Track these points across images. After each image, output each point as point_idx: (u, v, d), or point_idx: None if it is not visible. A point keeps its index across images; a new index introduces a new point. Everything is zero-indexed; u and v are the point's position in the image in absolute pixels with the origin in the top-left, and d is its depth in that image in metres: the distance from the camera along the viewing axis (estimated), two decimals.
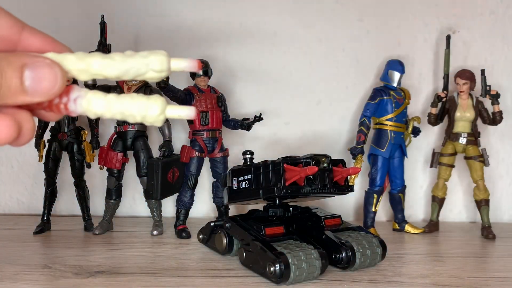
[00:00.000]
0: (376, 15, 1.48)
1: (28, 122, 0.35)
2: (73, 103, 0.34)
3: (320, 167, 0.90)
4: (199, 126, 1.23)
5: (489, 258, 1.06)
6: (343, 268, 0.89)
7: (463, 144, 1.31)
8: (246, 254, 0.88)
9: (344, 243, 0.88)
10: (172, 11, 1.43)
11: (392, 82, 1.31)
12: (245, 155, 0.99)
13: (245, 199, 0.96)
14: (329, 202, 1.42)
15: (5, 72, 0.33)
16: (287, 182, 0.86)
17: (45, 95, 0.34)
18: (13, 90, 0.33)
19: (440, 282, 0.81)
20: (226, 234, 0.97)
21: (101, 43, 1.14)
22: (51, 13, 1.41)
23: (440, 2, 1.48)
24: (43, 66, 0.34)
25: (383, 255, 0.93)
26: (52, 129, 1.23)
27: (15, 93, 0.34)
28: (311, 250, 0.82)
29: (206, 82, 1.25)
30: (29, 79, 0.34)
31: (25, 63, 0.34)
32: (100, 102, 0.33)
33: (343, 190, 0.95)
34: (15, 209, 1.45)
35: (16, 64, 0.34)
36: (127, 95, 0.33)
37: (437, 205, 1.35)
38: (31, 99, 0.34)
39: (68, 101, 0.34)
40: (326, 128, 1.49)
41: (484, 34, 1.49)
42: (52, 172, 1.24)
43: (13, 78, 0.33)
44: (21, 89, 0.34)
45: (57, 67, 0.34)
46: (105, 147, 1.23)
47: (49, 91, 0.34)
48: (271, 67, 1.47)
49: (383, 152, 1.29)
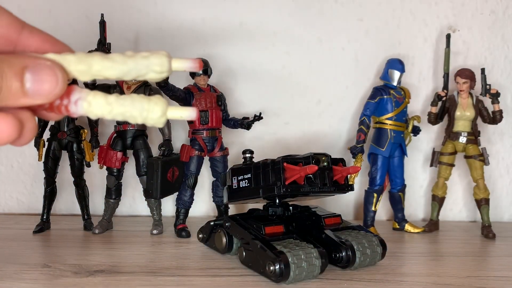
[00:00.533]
0: (376, 15, 1.48)
1: (30, 121, 0.35)
2: (74, 105, 0.34)
3: (320, 166, 0.90)
4: (199, 125, 1.23)
5: (489, 257, 1.06)
6: (343, 267, 0.88)
7: (463, 143, 1.31)
8: (246, 253, 0.87)
9: (344, 242, 0.88)
10: (172, 11, 1.43)
11: (392, 81, 1.31)
12: (245, 154, 0.99)
13: (245, 198, 0.96)
14: (329, 202, 1.42)
15: (6, 74, 0.33)
16: (287, 181, 0.86)
17: (46, 97, 0.34)
18: (14, 93, 0.33)
19: (440, 281, 0.81)
20: (226, 233, 0.97)
21: (101, 42, 1.14)
22: (51, 12, 1.41)
23: (440, 1, 1.48)
24: (44, 68, 0.34)
25: (383, 254, 0.93)
26: (52, 128, 1.23)
27: (16, 95, 0.33)
28: (311, 249, 0.82)
29: (206, 81, 1.25)
30: (30, 82, 0.33)
31: (26, 65, 0.34)
32: (101, 104, 0.32)
33: (343, 189, 0.94)
34: (15, 208, 1.45)
35: (17, 66, 0.33)
36: (128, 97, 0.33)
37: (437, 204, 1.35)
38: (32, 101, 0.34)
39: (69, 103, 0.34)
40: (326, 127, 1.49)
41: (484, 33, 1.49)
42: (51, 171, 1.24)
43: (13, 80, 0.33)
44: (22, 91, 0.33)
45: (58, 69, 0.34)
46: (105, 146, 1.22)
47: (50, 94, 0.34)
48: (271, 67, 1.47)
49: (383, 151, 1.29)
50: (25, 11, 1.36)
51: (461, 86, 1.31)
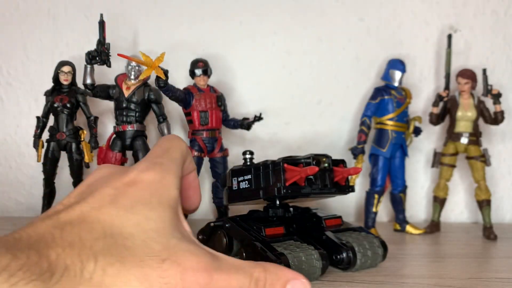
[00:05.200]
0: (377, 14, 1.47)
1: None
2: None
3: (321, 167, 0.89)
4: (199, 126, 1.23)
5: (491, 258, 1.05)
6: (344, 269, 0.88)
7: (465, 144, 1.30)
8: (246, 254, 0.87)
9: (345, 243, 0.87)
10: (171, 10, 1.43)
11: (393, 82, 1.30)
12: (245, 155, 0.98)
13: (245, 199, 0.95)
14: (330, 203, 1.41)
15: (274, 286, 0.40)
16: (288, 182, 0.85)
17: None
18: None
19: (442, 283, 0.80)
20: (226, 235, 0.96)
21: (100, 42, 1.13)
22: (49, 11, 1.40)
23: (441, 1, 1.48)
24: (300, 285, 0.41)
25: (384, 256, 0.92)
26: (51, 129, 1.22)
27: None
28: (311, 251, 0.81)
29: (205, 82, 1.25)
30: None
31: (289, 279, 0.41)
32: None
33: (343, 190, 0.93)
34: (13, 209, 1.44)
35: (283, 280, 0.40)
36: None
37: (438, 205, 1.35)
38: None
39: None
40: (326, 128, 1.48)
41: (486, 33, 1.49)
42: (50, 172, 1.23)
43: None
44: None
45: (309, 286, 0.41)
46: (104, 147, 1.22)
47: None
48: (271, 67, 1.46)
49: (384, 152, 1.28)
50: (24, 11, 1.35)
51: (462, 87, 1.30)
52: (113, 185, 0.46)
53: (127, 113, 1.19)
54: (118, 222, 0.42)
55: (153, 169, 0.47)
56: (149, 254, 0.40)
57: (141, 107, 1.20)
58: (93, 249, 0.39)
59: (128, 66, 1.20)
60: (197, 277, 0.40)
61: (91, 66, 1.15)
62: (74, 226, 0.41)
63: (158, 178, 0.46)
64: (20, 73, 1.40)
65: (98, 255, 0.39)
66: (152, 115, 1.24)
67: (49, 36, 1.40)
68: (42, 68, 1.40)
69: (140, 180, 0.46)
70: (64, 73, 1.19)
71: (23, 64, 1.40)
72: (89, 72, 1.15)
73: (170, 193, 0.46)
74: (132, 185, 0.46)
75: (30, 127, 1.28)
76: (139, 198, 0.44)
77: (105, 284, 0.37)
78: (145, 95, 1.19)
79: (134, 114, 1.19)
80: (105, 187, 0.45)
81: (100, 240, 0.40)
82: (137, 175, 0.46)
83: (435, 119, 1.34)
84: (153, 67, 1.02)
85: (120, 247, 0.40)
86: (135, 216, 0.42)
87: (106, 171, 0.50)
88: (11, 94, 1.41)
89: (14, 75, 1.41)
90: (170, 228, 0.43)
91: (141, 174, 0.47)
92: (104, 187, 0.45)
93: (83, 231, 0.40)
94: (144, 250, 0.40)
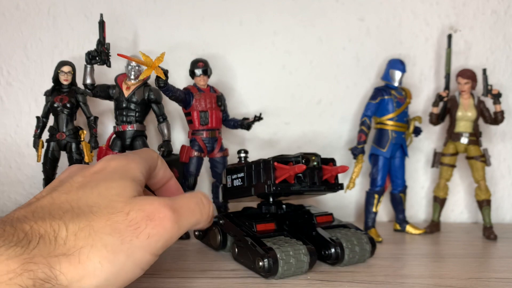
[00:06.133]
0: (377, 14, 1.47)
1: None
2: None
3: (310, 165, 0.91)
4: (199, 126, 1.22)
5: (491, 258, 1.05)
6: (332, 264, 0.91)
7: (465, 144, 1.30)
8: (238, 249, 0.90)
9: (334, 239, 0.89)
10: (171, 10, 1.43)
11: (393, 81, 1.30)
12: (240, 153, 1.02)
13: (238, 196, 0.99)
14: (330, 203, 1.41)
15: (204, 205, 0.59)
16: (277, 180, 0.88)
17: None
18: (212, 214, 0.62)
19: (442, 283, 0.81)
20: (220, 231, 0.99)
21: (100, 42, 1.13)
22: (49, 11, 1.40)
23: (441, 1, 1.48)
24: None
25: (372, 252, 0.94)
26: (51, 129, 1.22)
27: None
28: (299, 246, 0.83)
29: (205, 82, 1.25)
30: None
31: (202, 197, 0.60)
32: None
33: (333, 188, 0.97)
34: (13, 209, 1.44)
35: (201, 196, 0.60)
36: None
37: (438, 205, 1.35)
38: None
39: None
40: (326, 127, 1.48)
41: (486, 33, 1.49)
42: (50, 172, 1.23)
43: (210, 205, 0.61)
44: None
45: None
46: (104, 147, 1.22)
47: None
48: (271, 67, 1.46)
49: (384, 152, 1.28)
50: (23, 11, 1.35)
51: (462, 87, 1.30)
52: (82, 174, 0.53)
53: (127, 113, 1.19)
54: (84, 197, 0.48)
55: (118, 158, 0.55)
56: (114, 212, 0.47)
57: (141, 107, 1.20)
58: (62, 219, 0.45)
59: (128, 66, 1.20)
60: (162, 212, 0.48)
61: (91, 66, 1.15)
62: (44, 208, 0.48)
63: (123, 164, 0.54)
64: (20, 73, 1.40)
65: (68, 223, 0.44)
66: (152, 115, 1.24)
67: (49, 36, 1.40)
68: (42, 68, 1.40)
69: (106, 167, 0.53)
70: (64, 73, 1.19)
71: (23, 64, 1.40)
72: (89, 72, 1.15)
73: (133, 173, 0.54)
74: (99, 172, 0.52)
75: (30, 127, 1.28)
76: (103, 178, 0.51)
77: (79, 246, 0.43)
78: (145, 95, 1.19)
79: (134, 114, 1.19)
80: (74, 176, 0.53)
81: (68, 212, 0.46)
82: (104, 164, 0.54)
83: (435, 119, 1.34)
84: (153, 67, 1.02)
85: (87, 214, 0.46)
86: (97, 189, 0.49)
87: (77, 167, 0.57)
88: (11, 94, 1.41)
89: (14, 75, 1.40)
90: (131, 191, 0.50)
91: (108, 162, 0.54)
92: (73, 177, 0.53)
93: (52, 210, 0.47)
94: (108, 210, 0.46)
